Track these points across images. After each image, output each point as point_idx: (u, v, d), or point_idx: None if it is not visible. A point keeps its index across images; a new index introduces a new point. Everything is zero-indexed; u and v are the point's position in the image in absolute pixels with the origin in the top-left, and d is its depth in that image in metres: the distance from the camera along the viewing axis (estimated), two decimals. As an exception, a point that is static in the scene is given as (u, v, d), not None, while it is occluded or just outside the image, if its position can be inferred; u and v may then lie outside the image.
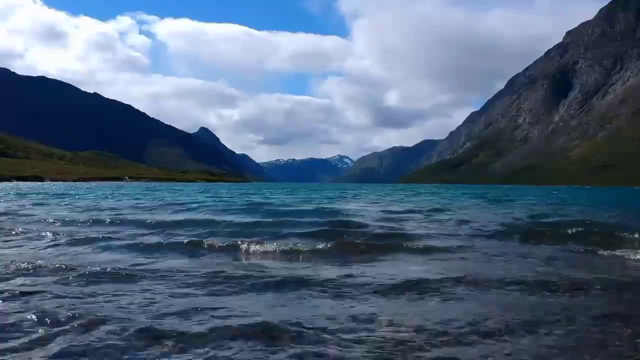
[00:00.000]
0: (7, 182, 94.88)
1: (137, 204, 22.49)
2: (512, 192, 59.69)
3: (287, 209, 18.88)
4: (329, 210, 17.91)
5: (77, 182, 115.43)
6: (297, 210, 18.24)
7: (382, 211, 18.01)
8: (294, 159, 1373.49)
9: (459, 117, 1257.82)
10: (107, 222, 12.63)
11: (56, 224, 12.24)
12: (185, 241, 8.88)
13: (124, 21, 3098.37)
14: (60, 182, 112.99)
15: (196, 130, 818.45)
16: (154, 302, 4.64)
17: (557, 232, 10.74)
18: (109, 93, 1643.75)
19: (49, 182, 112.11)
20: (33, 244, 8.74)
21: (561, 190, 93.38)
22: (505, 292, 5.29)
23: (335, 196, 35.96)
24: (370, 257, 7.76)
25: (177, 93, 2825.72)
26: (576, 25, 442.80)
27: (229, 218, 14.21)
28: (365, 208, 20.44)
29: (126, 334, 3.74)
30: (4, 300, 4.66)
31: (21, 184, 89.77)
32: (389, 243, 9.11)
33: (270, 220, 13.66)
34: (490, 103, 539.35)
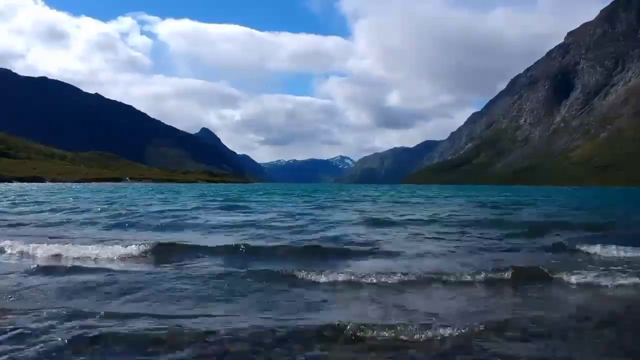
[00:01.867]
0: (6, 183, 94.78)
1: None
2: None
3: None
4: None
5: (78, 183, 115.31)
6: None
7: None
8: (295, 160, 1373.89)
9: (460, 117, 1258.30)
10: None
11: None
12: None
13: (125, 21, 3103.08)
14: (61, 183, 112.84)
15: (197, 131, 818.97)
16: None
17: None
18: (110, 93, 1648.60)
19: (49, 183, 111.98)
20: None
21: (552, 190, 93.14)
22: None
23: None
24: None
25: (179, 93, 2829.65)
26: (578, 26, 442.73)
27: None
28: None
29: None
30: None
31: (17, 184, 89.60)
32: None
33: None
34: (491, 103, 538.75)
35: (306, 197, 38.76)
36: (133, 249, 9.04)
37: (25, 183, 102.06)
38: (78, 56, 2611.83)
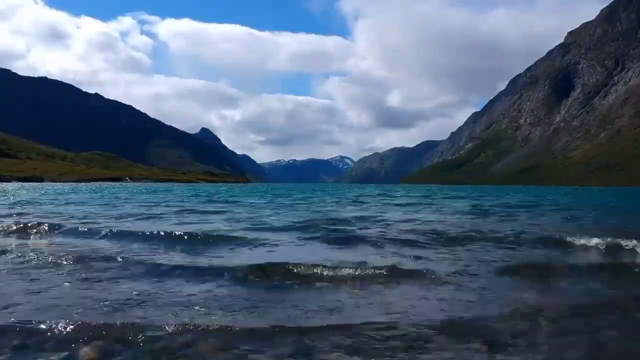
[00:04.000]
0: (6, 183, 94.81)
1: None
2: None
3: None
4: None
5: (77, 183, 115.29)
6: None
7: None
8: (295, 160, 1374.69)
9: (461, 117, 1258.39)
10: None
11: None
12: None
13: (126, 21, 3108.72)
14: (60, 183, 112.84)
15: (197, 131, 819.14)
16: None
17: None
18: (110, 93, 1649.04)
19: (49, 183, 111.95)
20: None
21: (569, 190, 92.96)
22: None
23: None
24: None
25: (179, 93, 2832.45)
26: (578, 26, 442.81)
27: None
28: None
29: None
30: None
31: (17, 184, 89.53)
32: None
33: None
34: (491, 103, 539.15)
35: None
36: None
37: (25, 183, 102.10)
38: (78, 56, 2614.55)
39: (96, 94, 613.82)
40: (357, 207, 22.97)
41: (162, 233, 10.32)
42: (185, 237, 9.88)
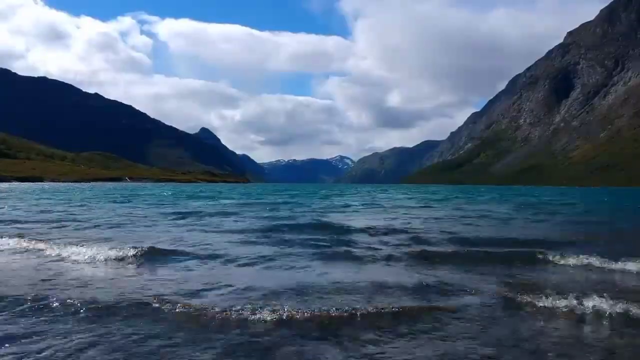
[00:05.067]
0: (6, 183, 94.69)
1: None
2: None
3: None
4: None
5: (76, 183, 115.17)
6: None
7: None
8: (294, 160, 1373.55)
9: (460, 117, 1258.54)
10: None
11: None
12: None
13: (125, 21, 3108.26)
14: (60, 183, 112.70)
15: (197, 131, 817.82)
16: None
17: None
18: (110, 93, 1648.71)
19: (48, 183, 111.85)
20: None
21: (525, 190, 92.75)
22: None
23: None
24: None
25: (179, 93, 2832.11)
26: (578, 26, 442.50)
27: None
28: None
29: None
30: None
31: (15, 184, 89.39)
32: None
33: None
34: (491, 103, 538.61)
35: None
36: None
37: (25, 183, 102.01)
38: (78, 56, 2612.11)
39: (96, 94, 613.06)
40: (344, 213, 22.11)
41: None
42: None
